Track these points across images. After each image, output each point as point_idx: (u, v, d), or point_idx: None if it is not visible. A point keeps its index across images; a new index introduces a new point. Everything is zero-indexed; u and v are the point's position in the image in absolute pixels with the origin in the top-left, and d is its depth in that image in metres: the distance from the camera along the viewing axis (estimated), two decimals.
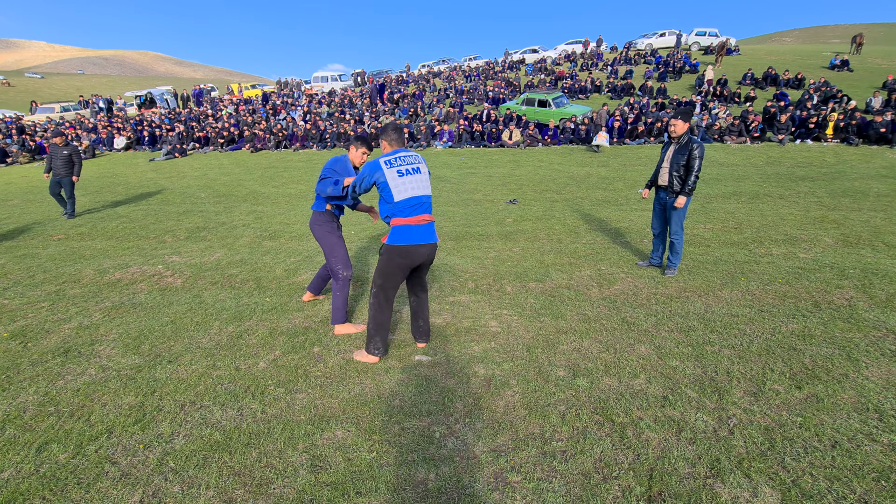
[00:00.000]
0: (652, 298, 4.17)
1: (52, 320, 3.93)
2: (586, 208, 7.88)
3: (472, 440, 2.37)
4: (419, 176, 2.93)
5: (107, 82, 59.37)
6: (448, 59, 37.14)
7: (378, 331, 3.07)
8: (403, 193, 2.85)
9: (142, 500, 2.03)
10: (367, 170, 2.93)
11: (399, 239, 2.88)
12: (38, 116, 25.08)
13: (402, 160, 2.91)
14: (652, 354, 3.19)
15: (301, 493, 2.05)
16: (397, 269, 2.94)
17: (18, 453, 2.34)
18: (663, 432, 2.40)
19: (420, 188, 2.91)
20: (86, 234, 7.12)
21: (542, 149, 14.71)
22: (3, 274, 5.23)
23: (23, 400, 2.79)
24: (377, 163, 2.88)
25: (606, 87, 21.88)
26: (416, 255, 2.93)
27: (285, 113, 22.26)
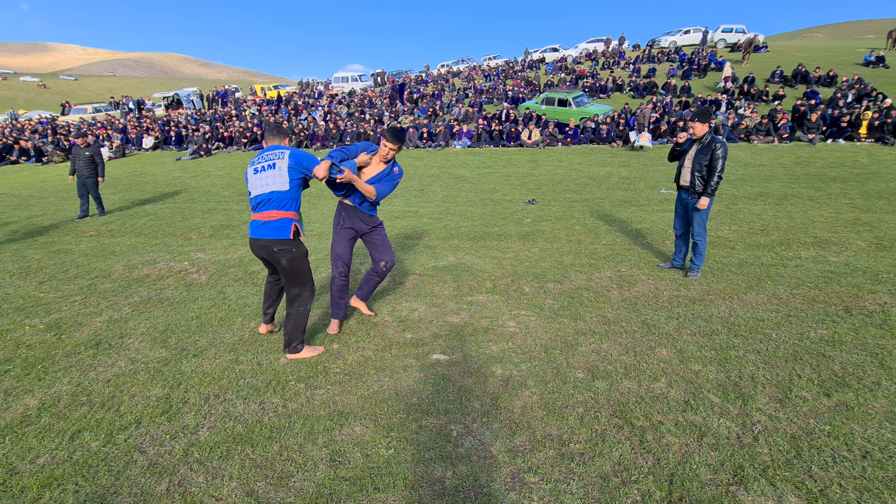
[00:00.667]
0: (674, 301, 4.09)
1: (85, 313, 4.09)
2: (606, 209, 7.78)
3: (490, 440, 2.38)
4: (271, 172, 2.95)
5: (136, 84, 61.25)
6: (467, 59, 37.12)
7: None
8: (253, 191, 3.00)
9: (168, 489, 2.10)
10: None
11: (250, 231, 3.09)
12: (72, 117, 26.04)
13: (262, 157, 3.00)
14: (673, 358, 3.14)
15: (320, 487, 2.08)
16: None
17: (53, 440, 2.44)
18: (684, 437, 2.36)
19: (265, 186, 2.95)
20: (116, 230, 7.37)
21: (561, 148, 14.58)
22: (40, 268, 5.45)
23: (57, 389, 2.91)
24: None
25: (628, 85, 21.53)
26: (253, 248, 3.07)
27: (306, 113, 22.59)
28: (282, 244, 2.96)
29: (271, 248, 2.97)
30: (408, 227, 6.97)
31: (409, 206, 8.44)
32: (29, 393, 2.87)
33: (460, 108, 19.52)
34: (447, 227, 6.86)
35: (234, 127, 19.11)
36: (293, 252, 3.00)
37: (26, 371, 3.12)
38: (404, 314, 3.93)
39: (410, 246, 5.99)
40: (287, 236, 2.96)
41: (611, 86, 21.38)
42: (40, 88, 49.28)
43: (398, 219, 7.49)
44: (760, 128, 13.19)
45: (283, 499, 2.03)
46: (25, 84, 79.52)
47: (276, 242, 2.96)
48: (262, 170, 2.96)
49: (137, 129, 20.24)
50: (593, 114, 15.83)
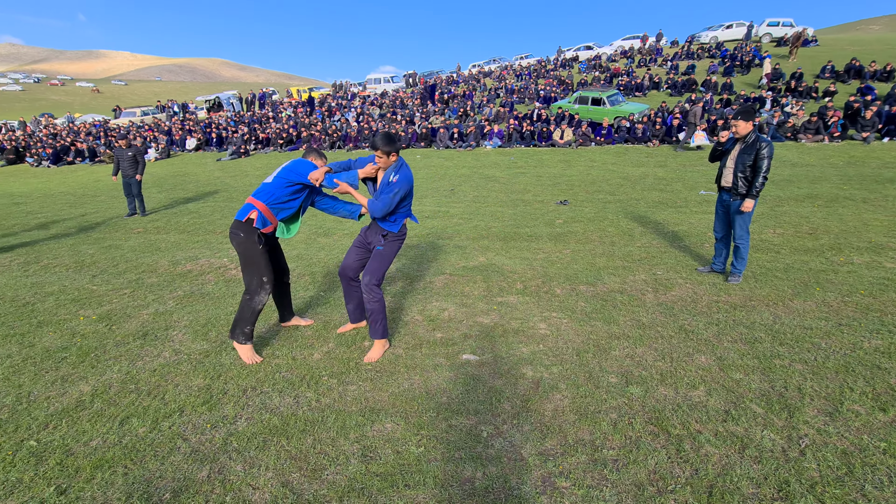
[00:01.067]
0: (713, 306, 3.94)
1: (133, 306, 4.31)
2: (641, 210, 7.57)
3: (520, 442, 2.36)
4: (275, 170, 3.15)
5: (180, 88, 64.13)
6: (499, 59, 36.93)
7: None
8: None
9: (209, 476, 2.19)
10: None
11: None
12: (122, 120, 27.54)
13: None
14: (713, 365, 3.02)
15: (352, 482, 2.12)
16: None
17: (105, 425, 2.59)
18: (725, 448, 2.27)
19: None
20: (161, 227, 7.75)
21: (594, 148, 14.29)
22: (93, 263, 5.79)
23: (108, 377, 3.09)
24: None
25: (666, 83, 20.87)
26: None
27: (339, 114, 23.04)
28: (235, 227, 3.04)
29: (229, 232, 3.11)
30: (438, 227, 7.00)
31: (440, 206, 8.47)
32: (83, 379, 3.06)
33: (491, 108, 19.45)
34: (477, 228, 6.84)
35: (270, 128, 19.71)
36: (240, 237, 3.03)
37: (81, 359, 3.33)
38: (434, 313, 3.95)
39: (440, 246, 6.02)
40: (240, 218, 3.03)
41: (647, 84, 20.79)
42: (94, 93, 52.45)
43: (428, 219, 7.53)
44: (809, 126, 12.51)
45: (317, 491, 2.08)
46: (81, 89, 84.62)
47: (233, 225, 3.07)
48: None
49: (181, 132, 21.18)
50: (628, 112, 15.45)
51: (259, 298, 3.13)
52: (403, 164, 3.05)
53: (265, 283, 3.12)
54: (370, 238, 3.24)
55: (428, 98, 24.14)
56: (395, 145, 2.95)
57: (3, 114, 58.26)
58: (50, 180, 15.03)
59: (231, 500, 2.04)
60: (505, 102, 20.54)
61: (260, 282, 3.11)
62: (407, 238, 6.47)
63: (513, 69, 31.79)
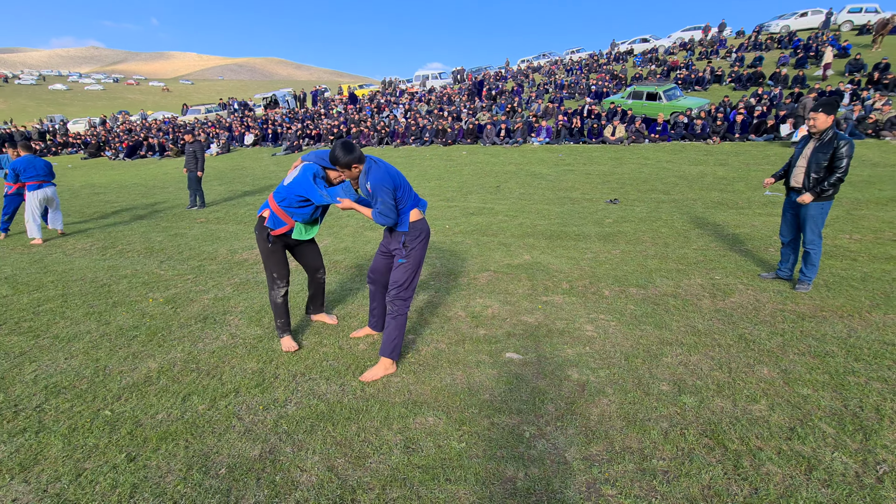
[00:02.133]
0: (778, 315, 3.67)
1: (195, 291, 4.60)
2: (699, 211, 7.17)
3: (564, 445, 2.30)
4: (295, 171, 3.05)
5: (241, 86, 67.62)
6: (549, 53, 36.15)
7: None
8: None
9: (260, 455, 2.30)
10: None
11: None
12: (188, 117, 29.41)
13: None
14: (776, 378, 2.82)
15: (394, 471, 2.16)
16: None
17: (169, 400, 2.78)
18: (789, 468, 2.11)
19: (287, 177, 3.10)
20: (221, 218, 8.21)
21: (648, 145, 13.69)
22: (161, 249, 6.24)
23: (173, 356, 3.31)
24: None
25: (729, 76, 19.62)
26: None
27: (388, 111, 23.43)
28: (258, 222, 3.19)
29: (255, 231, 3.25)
30: (482, 223, 6.96)
31: (485, 203, 8.43)
32: (151, 357, 3.30)
33: (540, 104, 19.08)
34: (522, 225, 6.75)
35: (322, 125, 20.37)
36: (256, 233, 3.20)
37: (149, 337, 3.59)
38: (477, 310, 3.94)
39: (484, 243, 5.98)
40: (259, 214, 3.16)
41: (708, 77, 19.63)
42: (165, 92, 56.38)
43: (473, 215, 7.51)
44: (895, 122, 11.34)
45: (361, 478, 2.13)
46: (153, 88, 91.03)
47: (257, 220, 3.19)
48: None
49: (241, 128, 22.33)
50: (686, 108, 14.66)
51: (274, 293, 3.26)
52: (372, 165, 2.75)
53: (276, 278, 3.23)
54: (391, 245, 3.02)
55: (475, 94, 24.04)
56: (354, 154, 2.67)
57: (87, 111, 63.91)
58: (125, 172, 16.31)
59: (280, 479, 2.13)
60: (554, 98, 20.09)
61: (271, 277, 3.24)
62: (451, 234, 6.48)
63: (563, 64, 31.00)
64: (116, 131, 26.43)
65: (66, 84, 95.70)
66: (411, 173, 12.03)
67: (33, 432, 2.49)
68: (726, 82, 19.55)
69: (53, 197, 7.03)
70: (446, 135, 16.91)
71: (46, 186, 6.90)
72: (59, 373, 3.11)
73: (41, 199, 6.86)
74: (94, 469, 2.22)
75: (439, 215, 7.64)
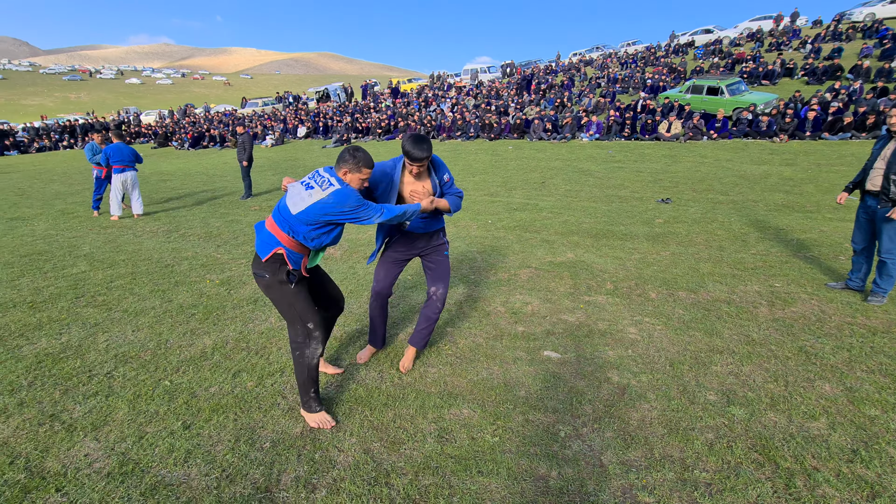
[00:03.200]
0: (845, 329, 3.39)
1: (247, 274, 4.86)
2: (760, 213, 6.72)
3: (600, 448, 2.25)
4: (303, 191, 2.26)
5: (295, 80, 70.16)
6: (602, 46, 34.89)
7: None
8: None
9: (302, 433, 2.41)
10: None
11: None
12: (247, 110, 30.88)
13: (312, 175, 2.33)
14: (840, 396, 2.61)
15: (428, 459, 2.20)
16: None
17: (221, 375, 2.97)
18: (848, 493, 1.96)
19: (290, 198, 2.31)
20: (273, 207, 8.60)
21: (706, 143, 12.96)
22: (218, 234, 6.62)
23: (226, 334, 3.52)
24: None
25: (802, 69, 18.15)
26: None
27: (435, 104, 23.53)
28: (257, 266, 2.36)
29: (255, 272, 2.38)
30: (525, 219, 6.87)
31: (529, 199, 8.31)
32: (207, 334, 3.53)
33: (591, 99, 18.49)
34: (567, 223, 6.60)
35: (371, 118, 20.78)
36: (266, 278, 2.33)
37: (206, 316, 3.84)
38: (517, 306, 3.91)
39: (527, 239, 5.91)
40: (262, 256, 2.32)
41: (778, 70, 18.25)
42: (226, 86, 59.55)
43: (516, 211, 7.43)
44: None
45: (395, 462, 2.19)
46: (215, 82, 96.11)
47: (254, 263, 2.39)
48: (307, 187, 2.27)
49: (294, 121, 23.20)
50: (750, 103, 13.72)
51: (310, 352, 2.42)
52: (435, 157, 2.69)
53: (311, 329, 2.41)
54: (419, 249, 2.85)
55: (524, 88, 23.65)
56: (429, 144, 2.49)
57: (157, 104, 68.70)
58: (189, 161, 17.40)
59: (319, 458, 2.23)
60: (606, 92, 19.39)
61: (305, 330, 2.40)
62: (493, 230, 6.45)
63: (617, 57, 29.83)
64: (182, 123, 28.22)
65: (140, 78, 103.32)
66: (456, 167, 12.04)
67: (104, 396, 2.74)
68: (798, 76, 18.10)
69: (134, 181, 7.73)
70: (492, 129, 16.78)
71: (128, 171, 7.66)
72: (127, 344, 3.39)
73: (123, 181, 7.66)
74: (154, 433, 2.41)
75: (482, 210, 7.61)
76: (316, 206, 2.19)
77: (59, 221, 7.71)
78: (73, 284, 4.62)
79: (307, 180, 2.29)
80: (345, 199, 2.18)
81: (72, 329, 3.64)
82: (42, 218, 8.02)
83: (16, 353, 3.26)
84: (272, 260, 2.31)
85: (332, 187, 2.20)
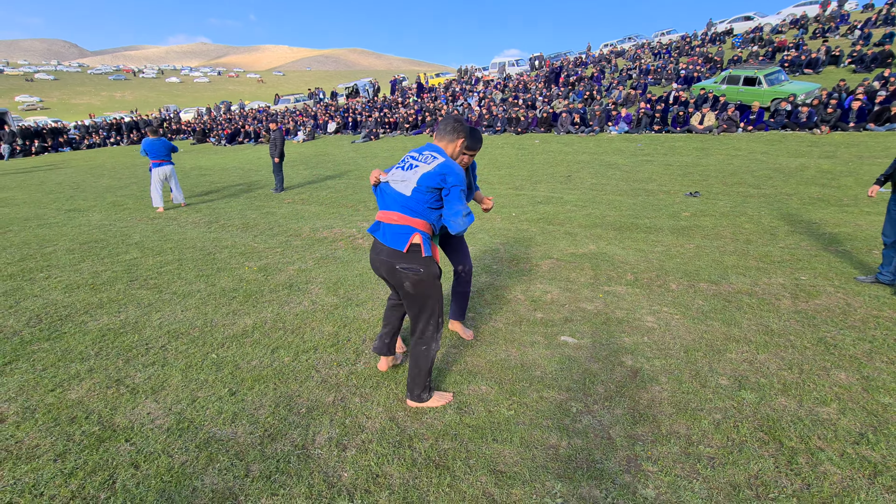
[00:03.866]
0: (870, 321, 3.38)
1: (282, 262, 5.18)
2: (793, 207, 6.58)
3: (609, 423, 2.39)
4: (409, 172, 2.34)
5: (326, 76, 71.43)
6: (635, 36, 34.00)
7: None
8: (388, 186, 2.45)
9: (334, 401, 2.65)
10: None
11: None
12: (280, 106, 31.78)
13: (410, 157, 2.43)
14: (854, 384, 2.65)
15: (447, 427, 2.39)
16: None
17: (261, 351, 3.25)
18: (850, 470, 2.03)
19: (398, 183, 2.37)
20: (305, 199, 8.97)
21: (740, 135, 12.58)
22: (254, 225, 7.01)
23: (264, 315, 3.82)
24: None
25: (849, 56, 17.24)
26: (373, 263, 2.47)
27: (462, 99, 23.60)
28: (399, 258, 2.31)
29: (393, 265, 2.33)
30: (549, 212, 6.95)
31: (554, 193, 8.36)
32: (247, 315, 3.84)
33: (621, 91, 18.16)
34: (591, 216, 6.65)
35: (399, 113, 21.07)
36: (420, 272, 2.31)
37: (246, 298, 4.16)
38: (537, 295, 4.04)
39: (550, 231, 6.01)
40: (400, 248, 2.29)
41: (823, 58, 17.40)
42: (259, 83, 61.31)
43: (541, 204, 7.51)
44: None
45: (417, 429, 2.39)
46: (249, 80, 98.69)
47: (390, 254, 2.33)
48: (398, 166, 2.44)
49: (325, 116, 23.77)
50: (789, 94, 13.20)
51: (436, 345, 2.50)
52: None
53: (441, 323, 2.48)
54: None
55: (552, 81, 23.41)
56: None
57: (195, 101, 71.42)
58: (225, 157, 18.16)
59: (350, 423, 2.46)
60: (637, 84, 18.99)
61: (437, 324, 2.45)
62: (516, 222, 6.57)
63: (650, 47, 29.03)
64: (219, 119, 29.34)
65: (178, 77, 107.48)
66: (482, 161, 12.15)
67: (160, 365, 3.07)
68: (845, 63, 17.21)
69: (171, 174, 8.26)
70: (519, 123, 16.75)
71: (165, 165, 8.19)
72: (178, 321, 3.73)
73: (160, 175, 8.23)
74: (204, 397, 2.70)
75: (506, 203, 7.73)
76: (425, 176, 2.25)
77: (110, 213, 8.32)
78: (128, 269, 5.05)
79: (405, 163, 2.39)
80: (452, 167, 2.26)
81: (128, 308, 4.02)
82: (96, 209, 8.66)
83: (82, 328, 3.65)
84: (413, 250, 2.29)
85: (436, 160, 2.29)
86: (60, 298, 4.25)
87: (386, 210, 2.39)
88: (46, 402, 2.68)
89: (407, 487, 2.03)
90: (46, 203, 9.51)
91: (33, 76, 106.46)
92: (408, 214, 2.31)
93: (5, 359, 3.18)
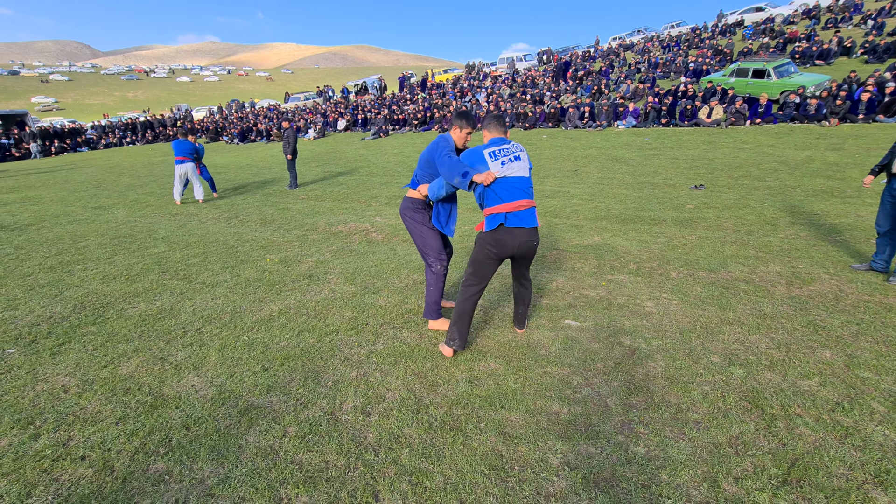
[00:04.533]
0: (860, 306, 3.57)
1: (301, 254, 5.47)
2: (796, 199, 6.72)
3: (606, 393, 2.64)
4: (519, 163, 2.79)
5: (334, 73, 71.76)
6: (644, 29, 33.77)
7: (457, 321, 3.00)
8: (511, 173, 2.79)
9: (356, 376, 2.93)
10: (469, 161, 2.81)
11: (491, 225, 2.79)
12: (289, 104, 32.17)
13: (504, 152, 2.79)
14: (837, 361, 2.86)
15: (460, 397, 2.66)
16: (486, 258, 2.87)
17: (287, 333, 3.54)
18: (823, 433, 2.26)
19: (519, 172, 2.79)
20: (319, 195, 9.28)
21: (748, 128, 12.63)
22: (272, 220, 7.33)
23: (288, 303, 4.11)
24: (481, 155, 2.78)
25: (861, 47, 17.09)
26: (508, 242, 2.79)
27: (470, 94, 23.75)
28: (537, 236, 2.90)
29: (531, 239, 2.85)
30: (556, 206, 7.16)
31: (560, 187, 8.56)
32: (272, 302, 4.13)
33: (629, 85, 18.19)
34: (597, 209, 6.85)
35: (408, 110, 21.29)
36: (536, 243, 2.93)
37: (270, 287, 4.45)
38: (542, 283, 4.28)
39: (556, 224, 6.22)
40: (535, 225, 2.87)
41: (834, 49, 17.27)
42: (268, 81, 61.92)
43: (548, 198, 7.72)
44: None
45: (433, 399, 2.66)
46: (258, 78, 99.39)
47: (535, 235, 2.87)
48: (510, 161, 2.78)
49: (334, 114, 24.08)
50: (798, 85, 13.19)
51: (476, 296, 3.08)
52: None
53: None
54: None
55: (560, 76, 23.45)
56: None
57: (206, 100, 72.30)
58: (239, 155, 18.57)
59: (372, 393, 2.73)
60: (645, 78, 18.99)
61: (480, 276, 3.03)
62: None
63: (659, 40, 28.85)
64: (231, 118, 29.82)
65: (189, 76, 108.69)
66: None
67: (198, 346, 3.37)
68: (857, 54, 17.06)
69: (192, 172, 8.72)
70: (527, 119, 16.89)
71: (187, 163, 8.72)
72: (209, 308, 4.04)
73: (180, 172, 8.83)
74: (241, 373, 2.99)
75: None
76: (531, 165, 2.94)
77: (134, 210, 8.70)
78: (157, 261, 5.38)
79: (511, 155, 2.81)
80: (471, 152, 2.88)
81: (163, 297, 4.34)
82: (120, 207, 9.05)
83: (123, 314, 3.98)
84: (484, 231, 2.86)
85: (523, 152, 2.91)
86: (99, 288, 4.59)
87: (516, 200, 2.78)
88: (101, 376, 2.99)
89: (425, 445, 2.30)
90: (72, 201, 9.93)
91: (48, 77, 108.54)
92: (532, 196, 2.88)
93: (59, 340, 3.51)
